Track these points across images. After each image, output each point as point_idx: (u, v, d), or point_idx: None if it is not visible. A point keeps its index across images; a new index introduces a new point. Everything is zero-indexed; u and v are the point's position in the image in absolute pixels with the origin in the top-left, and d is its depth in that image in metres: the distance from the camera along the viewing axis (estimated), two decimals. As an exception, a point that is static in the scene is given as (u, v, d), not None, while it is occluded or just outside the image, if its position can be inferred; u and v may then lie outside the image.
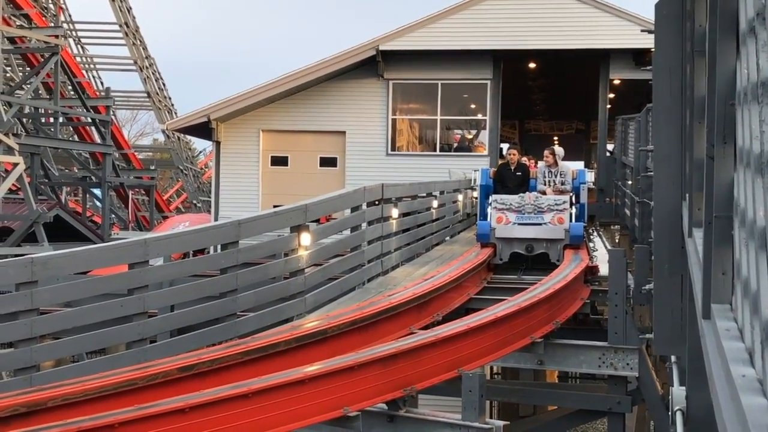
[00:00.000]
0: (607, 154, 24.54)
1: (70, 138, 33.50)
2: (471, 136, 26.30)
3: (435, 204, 16.37)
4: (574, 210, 13.35)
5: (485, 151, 24.29)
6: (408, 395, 7.07)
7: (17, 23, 29.03)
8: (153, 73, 40.63)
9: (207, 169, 45.91)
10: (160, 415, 5.34)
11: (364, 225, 12.14)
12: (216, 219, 23.19)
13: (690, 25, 5.54)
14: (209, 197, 31.96)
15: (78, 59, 37.36)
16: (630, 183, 16.19)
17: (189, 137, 43.23)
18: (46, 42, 27.77)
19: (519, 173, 14.24)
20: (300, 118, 24.22)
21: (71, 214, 28.42)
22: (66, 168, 38.86)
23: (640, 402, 11.30)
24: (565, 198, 13.27)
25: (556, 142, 35.20)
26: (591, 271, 12.19)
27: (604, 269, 11.79)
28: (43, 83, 31.09)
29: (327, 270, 10.95)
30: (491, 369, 17.54)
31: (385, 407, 7.07)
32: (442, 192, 17.35)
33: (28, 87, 28.66)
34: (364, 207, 12.13)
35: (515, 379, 15.73)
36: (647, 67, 16.84)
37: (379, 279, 12.21)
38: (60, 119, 29.46)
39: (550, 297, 9.68)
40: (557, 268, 11.74)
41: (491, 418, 8.10)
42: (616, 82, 24.12)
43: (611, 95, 25.05)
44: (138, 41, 39.35)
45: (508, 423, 7.27)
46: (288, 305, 9.76)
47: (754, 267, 2.13)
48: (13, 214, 25.31)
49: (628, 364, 10.15)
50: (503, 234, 13.05)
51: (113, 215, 34.43)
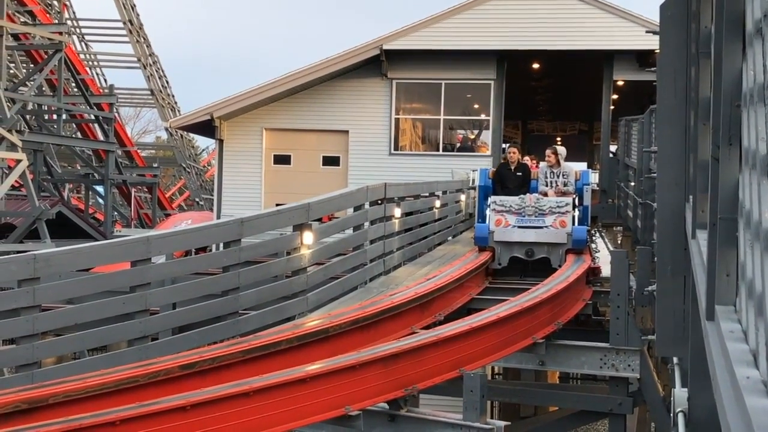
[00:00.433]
0: (610, 155, 24.52)
1: (73, 135, 33.51)
2: (473, 136, 26.29)
3: (437, 204, 16.36)
4: (576, 213, 12.73)
5: (488, 152, 24.28)
6: (409, 395, 7.07)
7: (21, 20, 29.03)
8: (156, 71, 40.64)
9: (210, 167, 45.96)
10: (161, 413, 5.34)
11: (366, 224, 12.13)
12: (218, 217, 23.18)
13: (695, 27, 5.53)
14: (212, 195, 32.00)
15: (82, 56, 37.39)
16: (633, 184, 16.17)
17: (192, 135, 43.23)
18: (50, 39, 27.78)
19: (519, 173, 13.55)
20: (303, 116, 24.22)
21: (74, 211, 28.45)
22: (69, 165, 38.91)
23: (641, 403, 11.29)
24: (568, 200, 12.67)
25: (559, 142, 35.18)
26: (593, 272, 12.13)
27: (606, 270, 11.77)
28: (47, 80, 31.12)
29: (329, 269, 10.95)
30: (492, 369, 17.55)
31: (387, 407, 7.07)
32: (444, 192, 17.33)
33: (31, 84, 28.69)
34: (366, 206, 12.12)
35: (516, 380, 15.73)
36: (651, 69, 16.84)
37: (381, 278, 12.20)
38: (63, 116, 29.48)
39: (552, 298, 9.67)
40: (559, 269, 11.71)
41: (492, 418, 8.11)
42: (619, 83, 24.11)
43: (615, 96, 25.04)
44: (142, 38, 39.35)
45: (509, 423, 7.26)
46: (290, 304, 9.75)
47: (759, 269, 2.12)
48: (16, 210, 25.33)
49: (629, 365, 10.15)
50: (502, 237, 12.46)
51: (116, 212, 34.43)
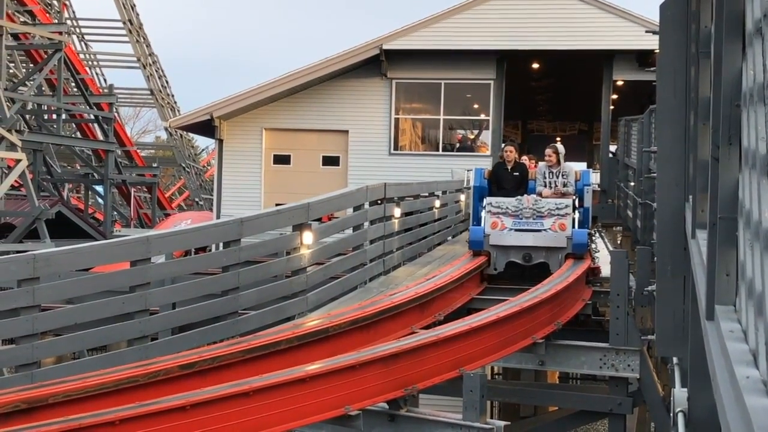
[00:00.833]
0: (610, 155, 24.53)
1: (72, 135, 33.50)
2: (473, 136, 26.29)
3: (437, 204, 16.38)
4: (577, 215, 11.99)
5: (488, 152, 24.28)
6: (409, 395, 7.06)
7: (21, 19, 29.02)
8: (156, 71, 40.63)
9: (209, 167, 45.95)
10: (160, 413, 5.34)
11: (366, 224, 12.14)
12: (218, 217, 23.18)
13: (695, 27, 5.53)
14: (211, 195, 31.98)
15: (81, 56, 37.38)
16: (633, 184, 16.17)
17: (192, 135, 43.22)
18: (49, 38, 27.77)
19: (516, 173, 12.68)
20: (303, 116, 24.22)
21: (73, 211, 28.45)
22: (68, 165, 38.89)
23: (641, 403, 11.28)
24: (568, 202, 11.94)
25: (558, 142, 35.15)
26: (593, 272, 12.07)
27: (606, 270, 11.74)
28: (47, 80, 31.11)
29: (329, 269, 10.96)
30: (492, 369, 17.55)
31: (386, 406, 7.07)
32: (444, 192, 17.36)
33: (31, 83, 28.68)
34: (366, 206, 12.13)
35: (516, 380, 15.72)
36: (651, 69, 16.84)
37: (381, 278, 12.21)
38: (63, 116, 29.49)
39: (551, 298, 9.66)
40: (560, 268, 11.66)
41: (492, 418, 8.11)
42: (619, 83, 24.11)
43: (614, 96, 25.04)
44: (141, 38, 39.35)
45: (508, 423, 7.26)
46: (289, 304, 9.76)
47: (758, 268, 2.12)
48: (16, 210, 25.33)
49: (629, 365, 10.14)
50: (498, 241, 11.74)
51: (115, 212, 34.44)
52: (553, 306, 9.75)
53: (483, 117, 24.69)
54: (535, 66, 25.92)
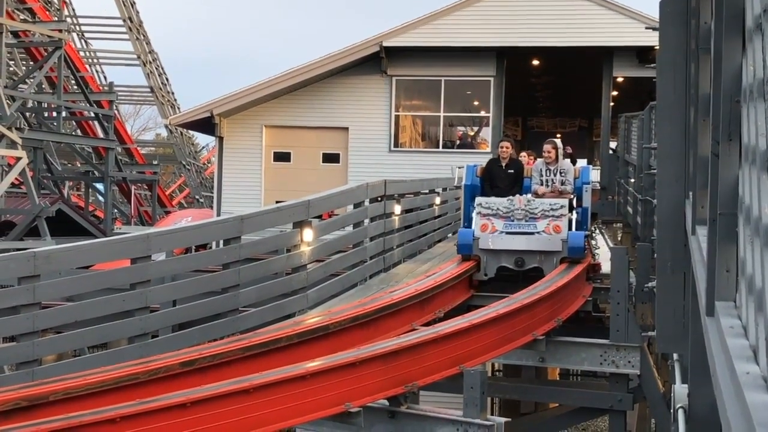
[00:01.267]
0: (610, 151, 24.52)
1: (73, 132, 33.48)
2: (473, 133, 26.27)
3: (437, 201, 16.38)
4: (574, 215, 11.31)
5: (488, 148, 24.26)
6: (409, 391, 7.07)
7: (21, 17, 29.00)
8: (156, 68, 40.63)
9: (209, 165, 45.96)
10: (161, 410, 5.35)
11: (366, 221, 12.14)
12: (218, 214, 23.18)
13: (695, 23, 5.53)
14: (212, 193, 31.98)
15: (81, 53, 37.35)
16: (633, 181, 16.18)
17: (192, 132, 43.23)
18: (49, 36, 27.75)
19: (511, 171, 11.84)
20: (303, 114, 24.20)
21: (74, 208, 28.45)
22: (69, 162, 38.87)
23: (641, 400, 11.30)
24: (563, 202, 11.16)
25: (558, 138, 35.12)
26: (593, 269, 12.03)
27: (606, 267, 11.73)
28: (47, 77, 31.06)
29: (329, 266, 10.96)
30: (493, 366, 17.54)
31: (387, 403, 7.07)
32: (444, 189, 17.35)
33: (31, 81, 28.67)
34: (366, 203, 12.13)
35: (517, 376, 15.72)
36: (651, 65, 16.83)
37: (381, 275, 12.21)
38: (63, 114, 29.44)
39: (552, 294, 9.66)
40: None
41: (492, 414, 8.11)
42: (619, 79, 24.09)
43: (614, 93, 25.02)
44: (141, 36, 39.34)
45: (509, 420, 7.27)
46: (290, 301, 9.76)
47: (759, 264, 2.12)
48: (16, 208, 25.34)
49: (629, 361, 10.15)
50: (488, 245, 10.98)
51: (116, 210, 34.44)
52: (554, 303, 9.74)
53: (483, 114, 24.68)
54: (535, 62, 25.91)
